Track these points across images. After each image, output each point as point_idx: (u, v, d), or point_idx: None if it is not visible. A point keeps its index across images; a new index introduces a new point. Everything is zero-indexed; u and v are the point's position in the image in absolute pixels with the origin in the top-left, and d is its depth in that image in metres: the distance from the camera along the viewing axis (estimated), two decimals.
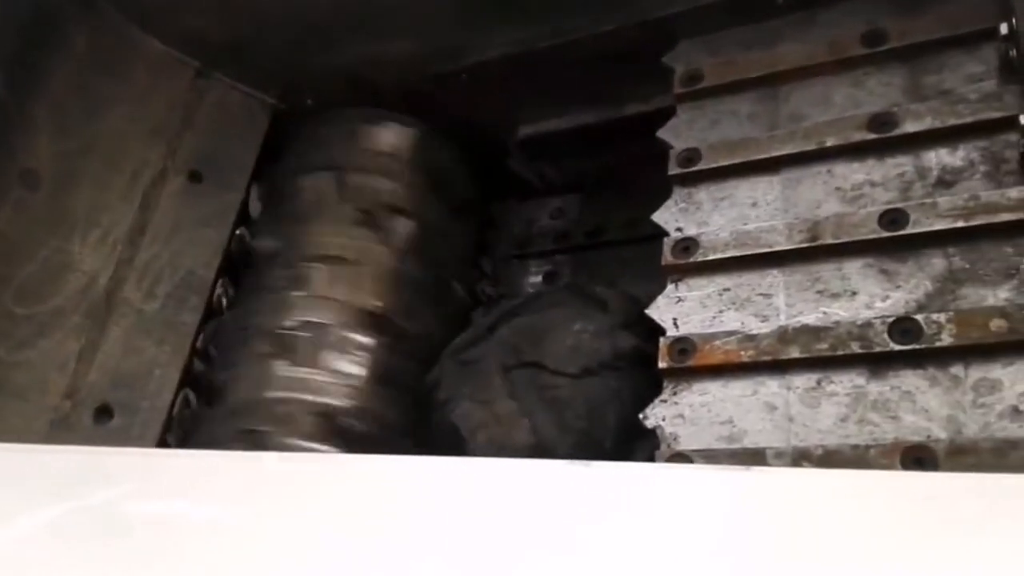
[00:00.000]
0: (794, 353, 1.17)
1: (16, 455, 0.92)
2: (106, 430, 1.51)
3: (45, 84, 1.51)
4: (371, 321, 1.61)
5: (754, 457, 1.14)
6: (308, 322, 1.58)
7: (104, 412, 1.53)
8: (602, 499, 0.74)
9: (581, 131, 1.59)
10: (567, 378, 1.41)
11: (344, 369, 1.56)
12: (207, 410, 1.60)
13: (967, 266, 1.14)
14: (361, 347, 1.59)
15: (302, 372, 1.55)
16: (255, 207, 1.80)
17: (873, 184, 1.25)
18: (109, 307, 1.56)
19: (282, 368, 1.56)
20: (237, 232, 1.74)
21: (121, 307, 1.58)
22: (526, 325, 1.52)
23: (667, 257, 1.32)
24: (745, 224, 1.30)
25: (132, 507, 0.79)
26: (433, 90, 1.74)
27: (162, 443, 1.54)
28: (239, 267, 1.74)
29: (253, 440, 1.47)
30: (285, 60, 1.76)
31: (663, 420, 1.22)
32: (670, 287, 1.32)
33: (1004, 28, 1.21)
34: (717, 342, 1.22)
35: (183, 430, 1.59)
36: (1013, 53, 1.20)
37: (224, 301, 1.70)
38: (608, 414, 1.36)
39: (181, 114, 1.72)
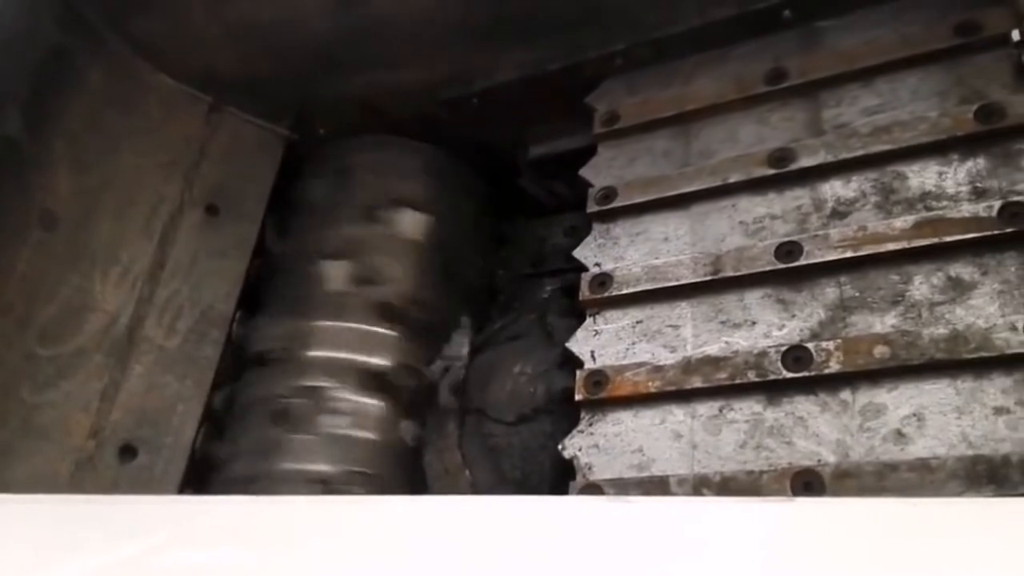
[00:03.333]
0: (697, 383, 1.21)
1: (48, 506, 0.92)
2: (130, 468, 1.53)
3: (61, 123, 1.53)
4: (388, 313, 1.64)
5: (660, 485, 1.18)
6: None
7: (128, 451, 1.54)
8: (644, 535, 0.74)
9: (592, 150, 1.57)
10: (504, 426, 1.46)
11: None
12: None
13: (857, 294, 1.18)
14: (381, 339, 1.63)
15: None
16: (271, 237, 1.83)
17: (773, 217, 1.30)
18: (131, 345, 1.58)
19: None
20: (255, 263, 1.77)
21: (142, 344, 1.59)
22: (483, 364, 1.56)
23: (584, 292, 1.37)
24: (656, 258, 1.35)
25: (166, 557, 0.79)
26: (444, 115, 1.76)
27: (188, 477, 1.57)
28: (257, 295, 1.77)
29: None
30: (296, 92, 1.80)
31: (579, 450, 1.27)
32: (588, 320, 1.37)
33: (1016, 35, 1.23)
34: (628, 373, 1.27)
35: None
36: None
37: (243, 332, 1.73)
38: (544, 460, 1.40)
39: (196, 148, 1.75)
